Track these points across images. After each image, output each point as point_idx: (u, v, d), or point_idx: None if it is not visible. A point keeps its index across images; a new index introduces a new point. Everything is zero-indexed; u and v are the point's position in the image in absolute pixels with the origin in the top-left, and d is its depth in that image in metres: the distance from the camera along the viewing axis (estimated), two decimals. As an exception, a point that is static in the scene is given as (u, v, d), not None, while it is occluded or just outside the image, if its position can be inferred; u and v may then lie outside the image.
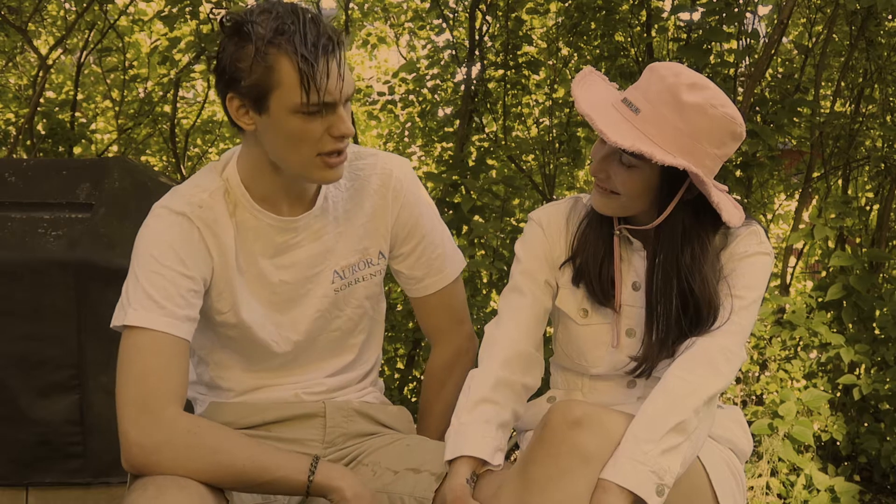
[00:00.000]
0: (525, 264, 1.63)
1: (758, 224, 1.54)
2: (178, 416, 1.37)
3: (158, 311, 1.41)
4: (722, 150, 1.44)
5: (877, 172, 4.69)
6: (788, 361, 3.58)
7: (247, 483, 1.38)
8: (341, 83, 1.40)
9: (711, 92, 1.42)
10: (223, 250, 1.52)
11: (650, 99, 1.42)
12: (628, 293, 1.57)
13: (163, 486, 1.30)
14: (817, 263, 4.71)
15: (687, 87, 1.40)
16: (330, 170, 1.48)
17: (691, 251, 1.48)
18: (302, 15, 1.38)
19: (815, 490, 3.22)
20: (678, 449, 1.31)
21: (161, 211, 1.49)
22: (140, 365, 1.38)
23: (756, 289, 1.49)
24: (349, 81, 1.42)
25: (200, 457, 1.34)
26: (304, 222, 1.57)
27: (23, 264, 2.31)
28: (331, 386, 1.68)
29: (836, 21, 4.26)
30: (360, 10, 5.91)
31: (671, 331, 1.49)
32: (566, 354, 1.66)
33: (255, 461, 1.36)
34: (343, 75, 1.40)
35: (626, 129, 1.41)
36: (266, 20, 1.38)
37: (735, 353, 1.44)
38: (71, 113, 5.36)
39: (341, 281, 1.63)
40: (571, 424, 1.30)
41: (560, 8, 4.81)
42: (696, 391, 1.36)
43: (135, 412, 1.35)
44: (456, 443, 1.47)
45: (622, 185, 1.47)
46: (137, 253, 1.47)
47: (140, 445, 1.34)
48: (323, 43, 1.37)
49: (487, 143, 4.75)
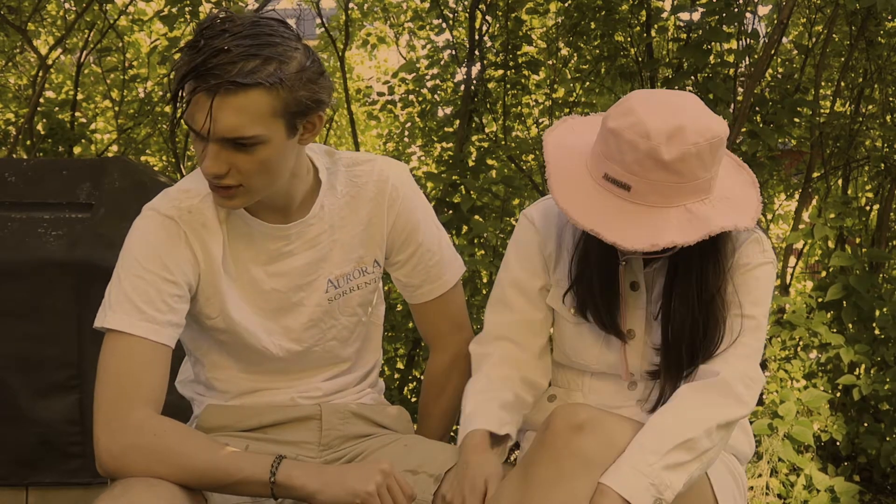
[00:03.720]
0: (515, 273, 1.61)
1: (760, 230, 1.51)
2: (146, 419, 1.36)
3: (138, 316, 1.40)
4: (720, 164, 1.40)
5: (877, 172, 4.68)
6: (788, 361, 3.58)
7: (213, 485, 1.36)
8: (207, 121, 1.31)
9: (686, 121, 1.32)
10: (211, 256, 1.50)
11: (632, 170, 1.34)
12: (626, 293, 1.56)
13: (128, 485, 1.29)
14: (817, 263, 4.71)
15: (664, 145, 1.31)
16: (215, 195, 1.44)
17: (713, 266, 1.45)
18: (226, 42, 1.30)
19: (815, 490, 3.22)
20: (684, 467, 1.30)
21: (149, 213, 1.48)
22: (115, 369, 1.38)
23: (764, 304, 1.48)
24: (227, 127, 1.32)
25: (164, 460, 1.33)
26: (298, 230, 1.55)
27: (23, 264, 2.31)
28: (327, 390, 1.67)
29: (836, 21, 4.26)
30: (360, 10, 5.91)
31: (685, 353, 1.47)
32: (563, 352, 1.65)
33: (218, 464, 1.34)
34: (212, 116, 1.31)
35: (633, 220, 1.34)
36: (206, 28, 1.34)
37: (755, 379, 1.42)
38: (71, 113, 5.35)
39: (335, 290, 1.61)
40: (574, 428, 1.30)
41: (560, 8, 4.81)
42: (711, 414, 1.35)
43: (105, 416, 1.35)
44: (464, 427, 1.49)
45: None
46: (123, 254, 1.46)
47: (108, 449, 1.33)
48: (205, 73, 1.29)
49: (487, 143, 4.75)
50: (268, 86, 1.32)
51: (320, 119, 1.44)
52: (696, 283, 1.45)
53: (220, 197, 1.43)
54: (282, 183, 1.47)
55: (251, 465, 1.35)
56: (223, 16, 1.35)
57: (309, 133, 1.44)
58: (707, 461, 1.34)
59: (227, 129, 1.33)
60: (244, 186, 1.41)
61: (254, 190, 1.43)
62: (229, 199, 1.43)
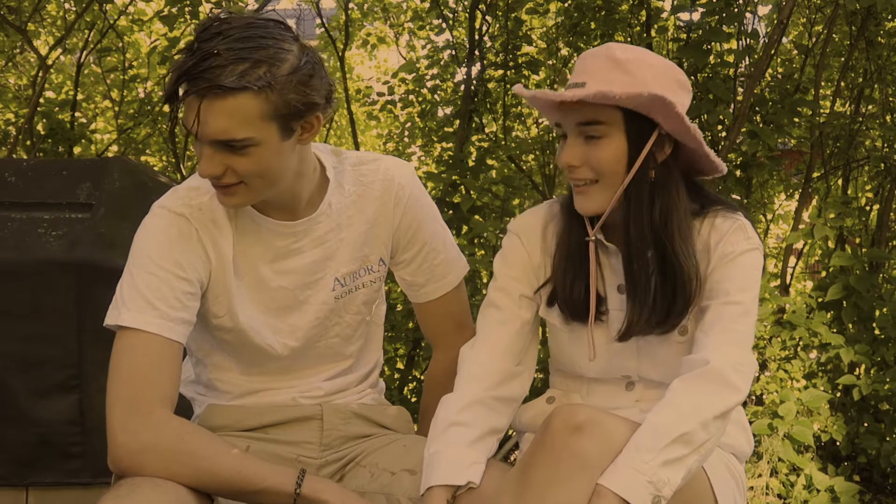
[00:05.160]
0: (501, 281, 1.62)
1: (743, 216, 1.52)
2: (167, 419, 1.36)
3: (152, 313, 1.40)
4: (676, 99, 1.43)
5: (877, 172, 4.68)
6: (788, 361, 3.58)
7: (232, 492, 1.36)
8: (196, 124, 1.33)
9: (644, 51, 1.48)
10: (221, 254, 1.50)
11: (590, 72, 1.45)
12: (613, 296, 1.56)
13: (135, 485, 1.29)
14: (817, 263, 4.71)
15: (620, 49, 1.45)
16: (219, 194, 1.45)
17: (662, 206, 1.47)
18: (218, 46, 1.31)
19: (815, 490, 3.22)
20: (682, 461, 1.29)
21: (160, 211, 1.48)
22: (131, 366, 1.38)
23: (751, 290, 1.47)
24: (217, 130, 1.33)
25: (186, 462, 1.33)
26: (305, 227, 1.56)
27: (23, 264, 2.31)
28: (328, 390, 1.67)
29: (836, 21, 4.26)
30: (360, 10, 5.92)
31: (655, 294, 1.47)
32: (559, 361, 1.66)
33: (242, 471, 1.35)
34: (199, 119, 1.32)
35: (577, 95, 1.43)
36: (201, 32, 1.34)
37: (746, 365, 1.41)
38: (71, 113, 5.36)
39: (342, 288, 1.62)
40: (573, 430, 1.29)
41: (560, 8, 4.81)
42: (705, 405, 1.34)
43: (123, 413, 1.35)
44: (427, 475, 1.45)
45: (596, 165, 1.45)
46: (134, 252, 1.46)
47: (126, 447, 1.33)
48: (195, 77, 1.30)
49: (487, 143, 4.75)
50: (256, 90, 1.32)
51: (318, 119, 1.44)
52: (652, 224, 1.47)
53: (222, 195, 1.44)
54: (286, 182, 1.47)
55: (276, 475, 1.36)
56: (222, 17, 1.36)
57: (308, 133, 1.44)
58: (705, 453, 1.33)
59: (216, 132, 1.34)
60: (245, 184, 1.41)
61: (255, 189, 1.43)
62: (231, 197, 1.43)
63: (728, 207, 1.54)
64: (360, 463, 1.61)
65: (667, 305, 1.47)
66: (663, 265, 1.47)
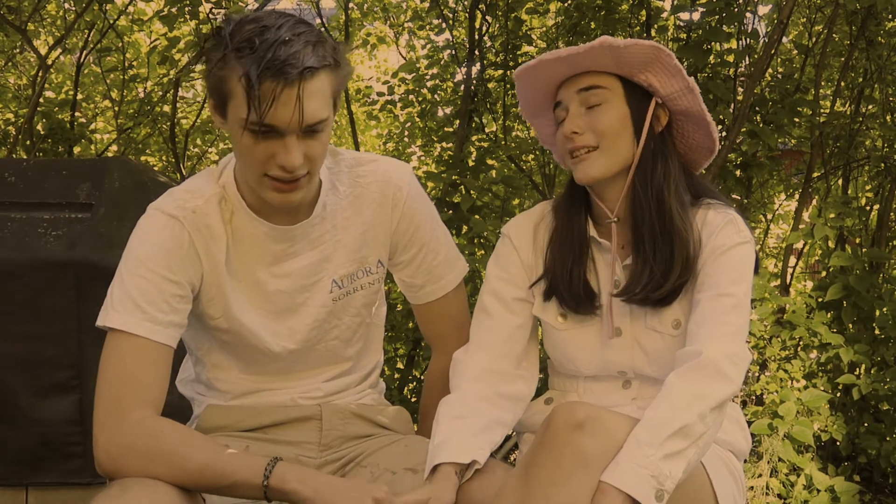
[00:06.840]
0: (493, 284, 1.64)
1: (734, 211, 1.55)
2: (143, 420, 1.36)
3: (140, 316, 1.40)
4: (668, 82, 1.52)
5: (877, 172, 4.68)
6: (788, 361, 3.57)
7: (208, 487, 1.36)
8: (296, 114, 1.32)
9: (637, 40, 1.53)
10: (214, 257, 1.50)
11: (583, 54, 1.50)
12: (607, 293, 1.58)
13: (126, 485, 1.29)
14: (817, 263, 4.71)
15: (613, 39, 1.50)
16: (278, 193, 1.42)
17: (662, 172, 1.53)
18: (283, 34, 1.31)
19: (815, 490, 3.22)
20: (682, 454, 1.30)
21: (154, 212, 1.48)
22: (116, 369, 1.38)
23: (743, 282, 1.49)
24: (311, 114, 1.34)
25: (160, 461, 1.33)
26: (302, 231, 1.55)
27: (23, 264, 2.31)
28: (328, 390, 1.67)
29: (836, 21, 4.26)
30: (360, 10, 5.91)
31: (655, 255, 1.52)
32: (556, 360, 1.67)
33: (213, 466, 1.34)
34: (301, 107, 1.32)
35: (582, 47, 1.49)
36: (246, 29, 1.33)
37: (740, 356, 1.42)
38: (71, 113, 5.36)
39: (339, 290, 1.61)
40: (574, 427, 1.30)
41: (560, 8, 4.81)
42: (701, 397, 1.35)
43: (104, 417, 1.36)
44: (431, 458, 1.46)
45: (599, 129, 1.51)
46: (126, 254, 1.46)
47: (105, 450, 1.34)
48: (281, 67, 1.29)
49: (487, 143, 4.75)
50: (331, 66, 1.36)
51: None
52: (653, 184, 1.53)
53: (288, 192, 1.42)
54: None
55: (245, 467, 1.35)
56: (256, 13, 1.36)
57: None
58: (703, 445, 1.35)
59: (312, 115, 1.35)
60: (310, 174, 1.42)
61: (314, 177, 1.44)
62: (296, 192, 1.42)
63: (719, 201, 1.57)
64: (361, 463, 1.61)
65: (665, 266, 1.51)
66: (662, 228, 1.52)
